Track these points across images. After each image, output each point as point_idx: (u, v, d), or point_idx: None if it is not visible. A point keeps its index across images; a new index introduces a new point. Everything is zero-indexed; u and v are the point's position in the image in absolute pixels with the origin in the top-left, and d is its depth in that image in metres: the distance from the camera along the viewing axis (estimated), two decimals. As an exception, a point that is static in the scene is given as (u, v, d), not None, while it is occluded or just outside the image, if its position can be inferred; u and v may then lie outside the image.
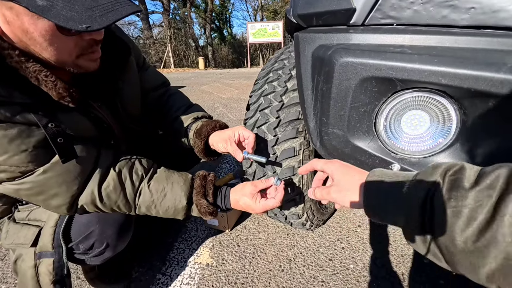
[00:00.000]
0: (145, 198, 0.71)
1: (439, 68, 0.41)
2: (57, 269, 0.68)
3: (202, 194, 0.74)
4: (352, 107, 0.51)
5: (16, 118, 0.54)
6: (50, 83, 0.56)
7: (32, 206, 0.76)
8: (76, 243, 0.71)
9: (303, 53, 0.62)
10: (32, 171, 0.59)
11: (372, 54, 0.47)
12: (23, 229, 0.72)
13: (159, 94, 1.01)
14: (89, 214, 0.72)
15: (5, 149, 0.54)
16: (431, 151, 0.49)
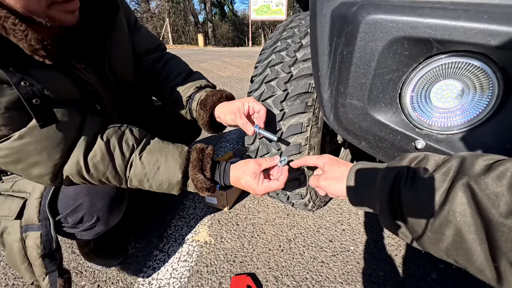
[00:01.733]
0: (137, 170, 0.65)
1: (489, 26, 0.35)
2: (45, 242, 0.64)
3: (199, 168, 0.68)
4: (376, 74, 0.45)
5: None
6: (20, 32, 0.48)
7: (16, 176, 0.71)
8: (64, 216, 0.67)
9: (321, 13, 0.54)
10: (6, 136, 0.53)
11: (407, 10, 0.40)
12: (7, 200, 0.67)
13: (154, 58, 0.92)
14: (77, 186, 0.67)
15: None
16: (463, 126, 0.44)
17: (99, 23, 0.67)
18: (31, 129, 0.54)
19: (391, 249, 1.04)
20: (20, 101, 0.50)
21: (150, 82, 0.93)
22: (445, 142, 0.45)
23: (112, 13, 0.70)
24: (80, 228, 0.70)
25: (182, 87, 0.85)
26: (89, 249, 0.95)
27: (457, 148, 0.45)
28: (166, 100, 0.90)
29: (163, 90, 0.89)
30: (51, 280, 0.65)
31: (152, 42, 0.92)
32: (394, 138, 0.48)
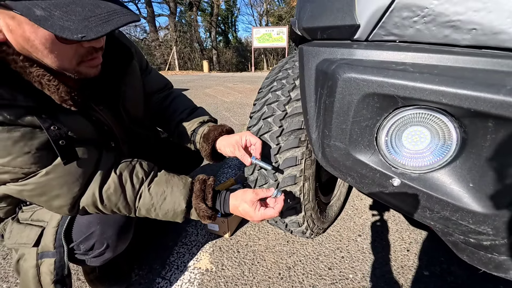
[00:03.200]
0: (145, 201, 0.72)
1: (440, 88, 0.42)
2: (58, 269, 0.69)
3: (201, 198, 0.76)
4: (354, 121, 0.52)
5: (20, 121, 0.56)
6: (53, 87, 0.58)
7: (35, 207, 0.78)
8: (77, 244, 0.73)
9: (307, 66, 0.63)
10: (35, 173, 0.60)
11: (374, 70, 0.48)
12: (26, 229, 0.74)
13: (163, 96, 1.03)
14: (90, 216, 0.74)
15: (9, 151, 0.56)
16: (431, 167, 0.50)
17: (115, 69, 0.77)
18: (55, 166, 0.62)
19: (390, 277, 1.05)
20: (48, 142, 0.59)
21: (158, 117, 1.02)
22: (418, 180, 0.51)
23: (127, 61, 0.81)
24: (90, 254, 0.75)
25: (187, 122, 0.95)
26: (94, 276, 0.98)
27: (429, 186, 0.51)
28: (173, 133, 1.00)
29: (170, 124, 0.99)
30: None
31: (161, 83, 1.04)
32: (374, 175, 0.55)
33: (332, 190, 1.35)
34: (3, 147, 0.55)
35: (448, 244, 0.61)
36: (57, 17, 0.48)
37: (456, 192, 0.48)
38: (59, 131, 0.59)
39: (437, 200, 0.49)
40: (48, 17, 0.47)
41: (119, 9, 0.53)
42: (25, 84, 0.56)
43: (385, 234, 1.29)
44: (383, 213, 1.45)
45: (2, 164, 0.57)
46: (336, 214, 1.35)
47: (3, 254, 1.22)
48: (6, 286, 1.05)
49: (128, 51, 0.82)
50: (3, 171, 0.58)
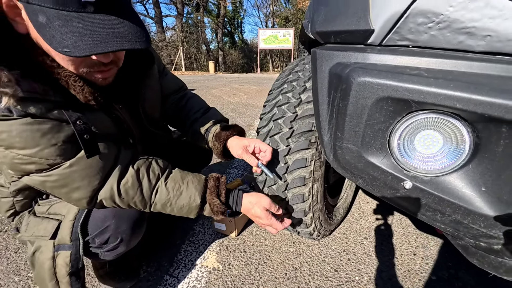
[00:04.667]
0: (162, 196, 0.75)
1: (454, 93, 0.43)
2: (73, 261, 0.71)
3: (215, 194, 0.78)
4: (367, 124, 0.53)
5: (49, 114, 0.59)
6: (78, 87, 0.62)
7: (52, 200, 0.80)
8: (93, 237, 0.75)
9: (320, 69, 0.64)
10: (59, 164, 0.63)
11: (389, 75, 0.49)
12: (43, 222, 0.76)
13: (178, 97, 1.06)
14: (106, 210, 0.76)
15: (37, 142, 0.59)
16: (444, 170, 0.51)
17: (137, 72, 0.81)
18: (79, 159, 0.65)
19: (396, 280, 1.05)
20: (73, 136, 0.62)
21: (174, 117, 1.06)
22: (430, 183, 0.52)
23: (149, 65, 0.85)
24: (105, 248, 0.77)
25: (200, 121, 0.99)
26: (104, 272, 1.00)
27: (441, 189, 0.51)
28: (187, 132, 1.04)
29: (185, 123, 1.03)
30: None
31: (177, 84, 1.08)
32: (385, 178, 0.55)
33: (339, 193, 1.36)
34: (32, 138, 0.58)
35: (458, 248, 0.62)
36: (54, 27, 0.48)
37: (468, 195, 0.48)
38: (84, 126, 0.63)
39: (449, 203, 0.50)
40: (47, 25, 0.48)
41: (127, 33, 0.52)
42: (54, 81, 0.59)
43: (391, 237, 1.29)
44: (390, 216, 1.45)
45: (30, 155, 0.59)
46: (343, 217, 1.35)
47: (14, 248, 1.25)
48: (18, 279, 1.08)
49: (150, 55, 0.86)
50: (29, 162, 0.60)
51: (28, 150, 0.59)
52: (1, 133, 0.56)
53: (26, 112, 0.56)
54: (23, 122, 0.56)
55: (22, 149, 0.59)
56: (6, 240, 1.30)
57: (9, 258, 1.18)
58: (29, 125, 0.57)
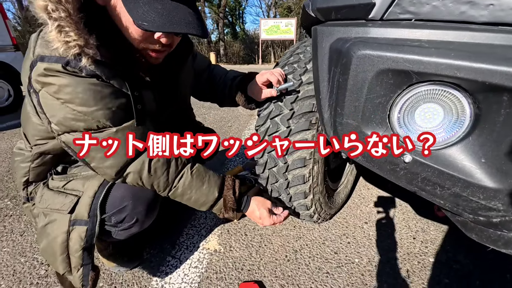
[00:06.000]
0: (186, 181, 0.78)
1: (456, 62, 0.43)
2: (88, 237, 0.73)
3: (232, 191, 0.83)
4: (367, 98, 0.53)
5: (113, 80, 0.65)
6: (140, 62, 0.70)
7: (68, 176, 0.82)
8: (109, 215, 0.76)
9: (321, 46, 0.64)
10: (106, 128, 0.67)
11: (389, 47, 0.48)
12: (60, 196, 0.77)
13: (208, 72, 1.13)
14: (124, 190, 0.77)
15: (96, 103, 0.63)
16: (444, 143, 0.51)
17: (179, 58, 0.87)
18: (124, 127, 0.70)
19: (396, 263, 1.07)
20: (126, 105, 0.69)
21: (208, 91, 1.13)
22: (429, 156, 0.52)
23: (189, 51, 0.90)
24: (120, 227, 0.79)
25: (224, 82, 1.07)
26: (108, 253, 1.02)
27: (441, 162, 0.51)
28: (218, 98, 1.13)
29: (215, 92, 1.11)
30: (84, 272, 0.73)
31: (205, 63, 1.13)
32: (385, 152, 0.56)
33: (340, 178, 1.37)
34: (93, 97, 0.63)
35: (457, 224, 0.62)
36: (139, 5, 0.57)
37: (468, 168, 0.48)
38: (138, 97, 0.70)
39: (449, 176, 0.50)
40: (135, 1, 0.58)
41: (193, 22, 0.61)
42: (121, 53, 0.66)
43: (391, 222, 1.30)
44: (390, 202, 1.46)
45: (85, 113, 0.63)
46: (343, 202, 1.36)
47: (20, 231, 1.27)
48: (24, 260, 1.10)
49: (191, 44, 0.90)
50: (82, 119, 0.64)
51: (85, 108, 0.63)
52: (67, 87, 0.61)
53: (95, 73, 0.62)
54: (90, 81, 0.62)
55: (80, 106, 0.63)
56: (11, 224, 1.33)
57: (15, 240, 1.21)
58: (94, 85, 0.62)
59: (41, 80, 0.62)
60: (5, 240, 1.22)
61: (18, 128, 3.01)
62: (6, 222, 1.34)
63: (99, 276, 0.79)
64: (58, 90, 0.61)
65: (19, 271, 1.05)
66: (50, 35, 0.56)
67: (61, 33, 0.55)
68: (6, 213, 1.42)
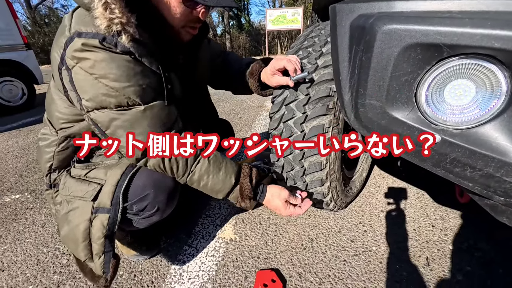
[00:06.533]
0: (203, 166, 0.78)
1: (492, 31, 0.40)
2: (110, 224, 0.74)
3: (248, 179, 0.82)
4: (392, 76, 0.51)
5: (144, 58, 0.67)
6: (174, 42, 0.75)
7: (90, 165, 0.83)
8: (131, 204, 0.77)
9: (341, 24, 0.61)
10: (135, 106, 0.69)
11: (418, 20, 0.46)
12: (82, 184, 0.78)
13: (222, 58, 1.13)
14: (146, 179, 0.77)
15: (128, 79, 0.65)
16: (476, 121, 0.48)
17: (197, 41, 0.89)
18: (152, 106, 0.70)
19: (414, 250, 1.05)
20: (157, 83, 0.71)
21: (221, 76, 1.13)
22: (460, 136, 0.49)
23: (205, 34, 0.91)
24: (141, 215, 0.80)
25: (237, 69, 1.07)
26: (126, 242, 1.04)
27: (471, 141, 0.49)
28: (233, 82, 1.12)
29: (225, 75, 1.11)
30: (106, 259, 0.74)
31: (218, 49, 1.13)
32: (411, 133, 0.53)
33: (355, 166, 1.34)
34: (127, 74, 0.64)
35: (486, 208, 0.60)
36: None
37: (503, 146, 0.46)
38: (168, 77, 0.73)
39: (481, 156, 0.47)
40: None
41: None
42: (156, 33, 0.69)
43: (408, 210, 1.28)
44: (407, 190, 1.43)
45: (118, 89, 0.64)
46: (359, 190, 1.34)
47: (41, 223, 1.31)
48: (46, 250, 1.14)
49: (207, 27, 0.90)
50: (113, 95, 0.65)
51: (118, 83, 0.64)
52: (101, 62, 0.62)
53: (129, 51, 0.64)
54: (124, 58, 0.64)
55: (113, 81, 0.64)
56: (32, 216, 1.37)
57: (37, 232, 1.25)
58: (128, 62, 0.64)
59: (77, 56, 0.63)
60: (28, 231, 1.26)
61: (34, 125, 3.09)
62: (28, 215, 1.38)
63: (119, 264, 0.80)
64: (93, 65, 0.63)
65: (43, 260, 1.08)
66: (96, 12, 0.59)
67: (106, 10, 0.58)
68: (27, 206, 1.47)
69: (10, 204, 1.48)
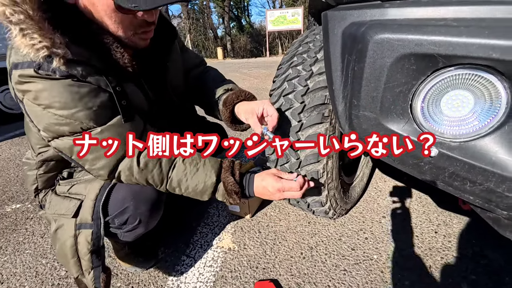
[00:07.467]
0: (179, 170, 0.75)
1: (490, 41, 0.37)
2: (94, 239, 0.73)
3: (230, 172, 0.77)
4: (386, 87, 0.48)
5: (90, 78, 0.62)
6: (119, 53, 0.67)
7: (72, 181, 0.82)
8: (112, 218, 0.76)
9: (333, 32, 0.59)
10: (90, 129, 0.65)
11: (411, 28, 0.43)
12: (65, 201, 0.78)
13: (199, 72, 1.07)
14: (125, 191, 0.76)
15: (75, 104, 0.61)
16: (474, 134, 0.45)
17: (163, 47, 0.84)
18: (110, 126, 0.67)
19: (417, 258, 1.02)
20: (109, 102, 0.66)
21: (195, 92, 1.06)
22: (458, 149, 0.47)
23: (172, 39, 0.87)
24: (124, 229, 0.79)
25: (214, 91, 0.97)
26: (124, 253, 1.03)
27: (471, 155, 0.46)
28: (205, 104, 1.03)
29: (201, 95, 1.02)
30: (96, 275, 0.73)
31: (197, 59, 1.08)
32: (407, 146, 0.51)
33: (355, 171, 1.31)
34: (71, 99, 0.61)
35: (488, 221, 0.57)
36: None
37: (503, 160, 0.43)
38: (121, 92, 0.67)
39: (481, 170, 0.45)
40: None
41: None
42: (97, 49, 0.64)
43: (410, 216, 1.25)
44: (408, 195, 1.39)
45: (66, 116, 0.62)
46: (359, 196, 1.31)
47: (40, 233, 1.31)
48: (45, 261, 1.13)
49: (174, 30, 0.87)
50: (65, 123, 0.63)
51: (65, 111, 0.61)
52: (42, 91, 0.59)
53: (69, 73, 0.59)
54: (64, 83, 0.60)
55: (60, 109, 0.61)
56: (32, 226, 1.37)
57: (36, 243, 1.25)
58: (70, 86, 0.60)
59: (19, 88, 0.60)
60: (27, 242, 1.25)
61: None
62: (28, 225, 1.38)
63: (111, 277, 0.79)
64: (36, 96, 0.60)
65: (41, 272, 1.08)
66: (15, 41, 0.54)
67: (25, 37, 0.53)
68: (27, 215, 1.47)
69: (11, 214, 1.49)
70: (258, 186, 0.79)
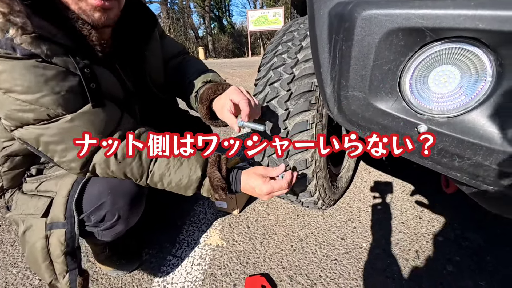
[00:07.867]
0: (161, 164, 0.70)
1: (477, 12, 0.38)
2: (68, 240, 0.66)
3: (216, 167, 0.73)
4: (374, 65, 0.48)
5: (56, 59, 0.56)
6: (86, 30, 0.60)
7: (41, 178, 0.75)
8: (88, 215, 0.70)
9: (319, 14, 0.58)
10: (59, 117, 0.59)
11: (398, 3, 0.43)
12: (33, 199, 0.71)
13: (178, 61, 0.99)
14: (101, 185, 0.70)
15: (39, 88, 0.55)
16: (462, 109, 0.46)
17: (141, 34, 0.79)
18: (81, 114, 0.61)
19: (404, 244, 1.04)
20: (78, 87, 0.59)
21: (174, 83, 0.98)
22: (446, 125, 0.47)
23: (151, 27, 0.81)
24: (102, 226, 0.73)
25: (194, 83, 0.90)
26: (105, 256, 0.97)
27: (460, 130, 0.47)
28: (185, 98, 0.95)
29: (181, 87, 0.94)
30: (71, 278, 0.67)
31: (176, 48, 1.01)
32: (397, 124, 0.51)
33: (341, 162, 1.32)
34: (35, 82, 0.54)
35: (474, 197, 0.58)
36: None
37: (490, 133, 0.44)
38: (90, 74, 0.61)
39: (469, 144, 0.45)
40: None
41: None
42: (63, 24, 0.56)
43: (396, 203, 1.27)
44: (393, 184, 1.43)
45: (30, 101, 0.55)
46: (346, 186, 1.33)
47: (10, 241, 1.21)
48: (16, 271, 1.04)
49: (154, 17, 0.82)
50: (29, 109, 0.56)
51: (29, 96, 0.55)
52: (2, 73, 0.52)
53: (32, 53, 0.52)
54: (27, 64, 0.53)
55: (22, 94, 0.54)
56: (1, 234, 1.26)
57: (5, 251, 1.14)
58: (34, 68, 0.53)
59: None
60: (-5, 251, 1.15)
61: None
62: (-5, 233, 1.27)
63: (88, 280, 0.73)
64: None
65: (11, 282, 0.99)
66: None
67: None
68: (-6, 223, 1.35)
69: (-24, 223, 1.36)
70: (246, 185, 0.76)
